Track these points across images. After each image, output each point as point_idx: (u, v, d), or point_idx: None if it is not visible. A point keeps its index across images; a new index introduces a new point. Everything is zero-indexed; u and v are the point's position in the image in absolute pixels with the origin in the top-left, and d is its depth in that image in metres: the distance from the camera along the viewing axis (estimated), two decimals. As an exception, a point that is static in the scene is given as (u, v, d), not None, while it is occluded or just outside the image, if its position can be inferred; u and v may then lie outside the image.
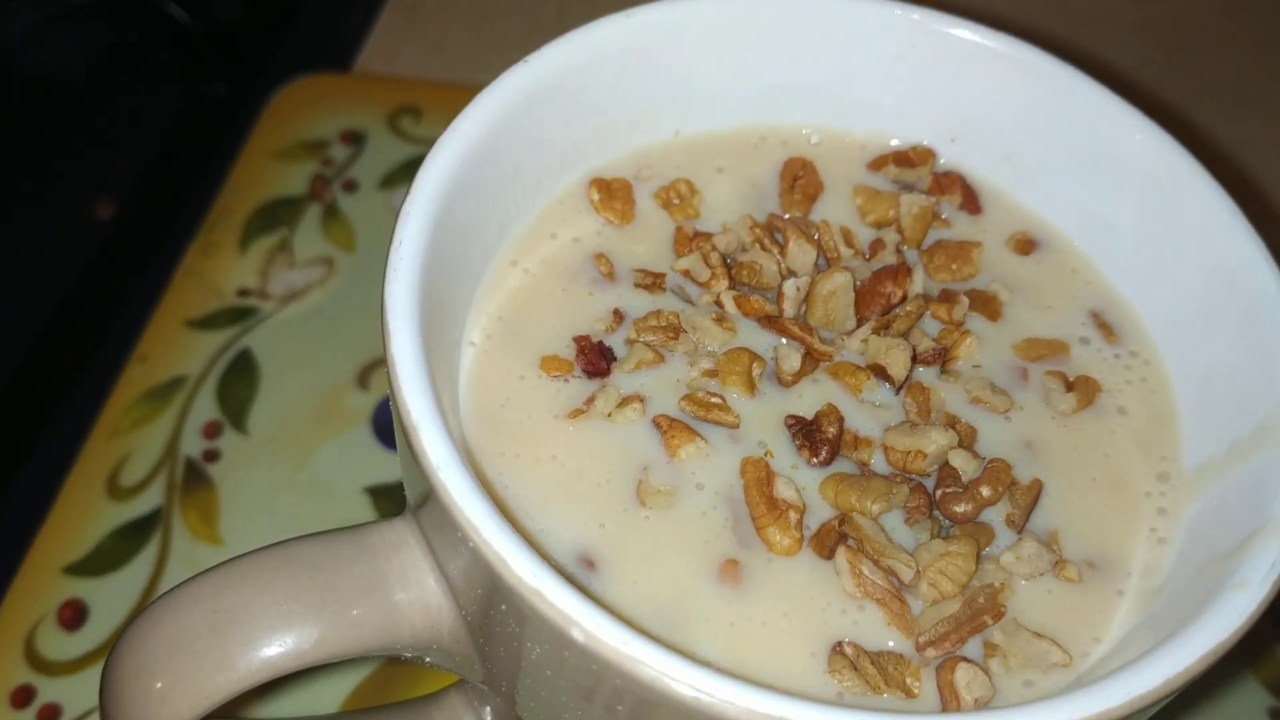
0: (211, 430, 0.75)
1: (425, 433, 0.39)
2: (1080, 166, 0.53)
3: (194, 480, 0.73)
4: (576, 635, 0.36)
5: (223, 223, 0.84)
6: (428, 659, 0.46)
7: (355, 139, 0.89)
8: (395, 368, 0.40)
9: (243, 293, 0.81)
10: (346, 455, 0.74)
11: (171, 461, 0.74)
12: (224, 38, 0.97)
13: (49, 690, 0.66)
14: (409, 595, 0.43)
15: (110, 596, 0.69)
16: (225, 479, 0.73)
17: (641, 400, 0.47)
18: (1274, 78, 0.98)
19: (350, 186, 0.86)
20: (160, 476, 0.73)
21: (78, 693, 0.66)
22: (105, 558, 0.71)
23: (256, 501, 0.73)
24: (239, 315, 0.80)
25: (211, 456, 0.74)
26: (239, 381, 0.77)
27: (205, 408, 0.76)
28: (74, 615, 0.69)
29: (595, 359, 0.48)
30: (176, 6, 0.95)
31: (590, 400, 0.47)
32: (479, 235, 0.49)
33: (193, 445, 0.74)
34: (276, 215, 0.85)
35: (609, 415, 0.47)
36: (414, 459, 0.40)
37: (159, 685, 0.42)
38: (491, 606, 0.40)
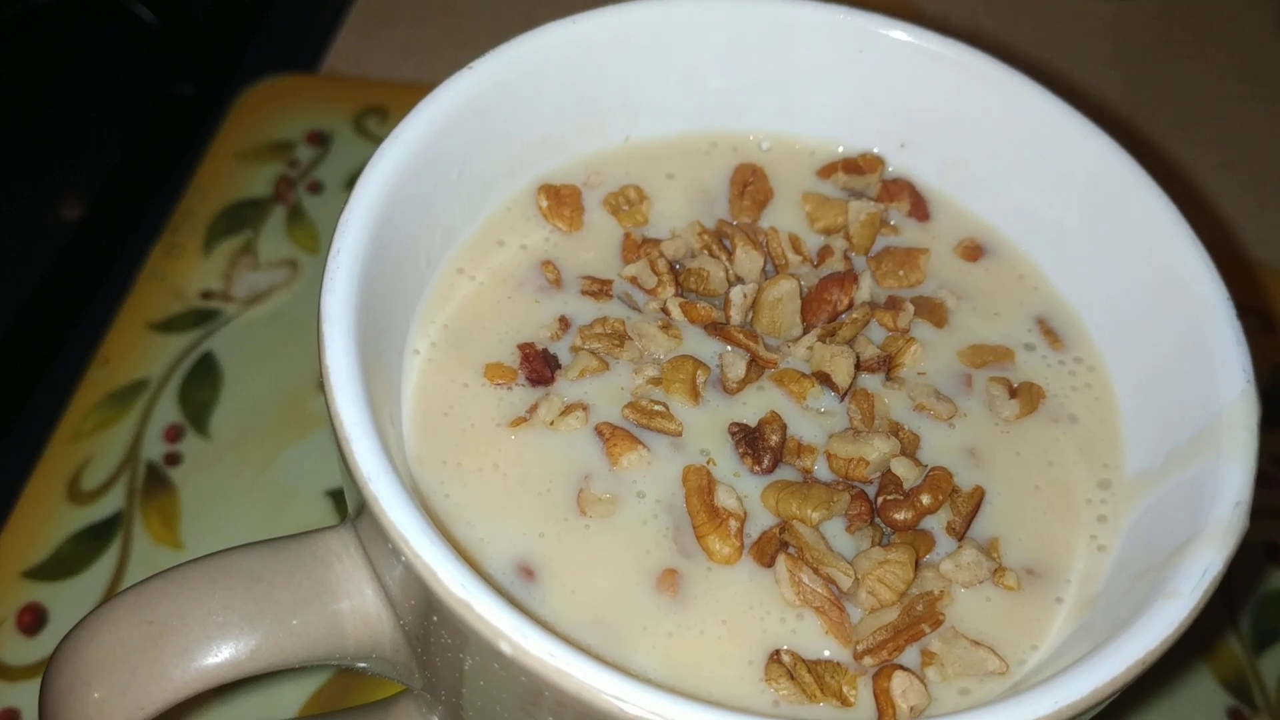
0: (173, 434, 0.75)
1: (358, 445, 0.39)
2: (1028, 173, 0.53)
3: (155, 484, 0.73)
4: (504, 647, 0.36)
5: (186, 224, 0.83)
6: (370, 668, 0.46)
7: (321, 140, 0.88)
8: (330, 379, 0.40)
9: (206, 295, 0.80)
10: (309, 458, 0.74)
11: (133, 465, 0.74)
12: (191, 38, 0.96)
13: (7, 695, 0.66)
14: (348, 605, 0.43)
15: (70, 601, 0.69)
16: (186, 482, 0.73)
17: (584, 408, 0.47)
18: (1242, 79, 0.98)
19: (315, 188, 0.86)
20: (121, 480, 0.73)
21: (37, 698, 0.65)
22: (65, 562, 0.70)
23: (218, 505, 0.72)
24: (202, 318, 0.80)
25: (173, 460, 0.74)
26: (201, 384, 0.77)
27: (167, 411, 0.76)
28: (33, 620, 0.68)
29: (539, 366, 0.48)
30: (143, 6, 0.94)
31: (533, 408, 0.47)
32: (423, 243, 0.49)
33: (154, 449, 0.74)
34: (241, 217, 0.84)
35: (551, 423, 0.47)
36: (348, 471, 0.40)
37: (96, 695, 0.41)
38: (426, 617, 0.40)
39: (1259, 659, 0.70)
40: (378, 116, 0.89)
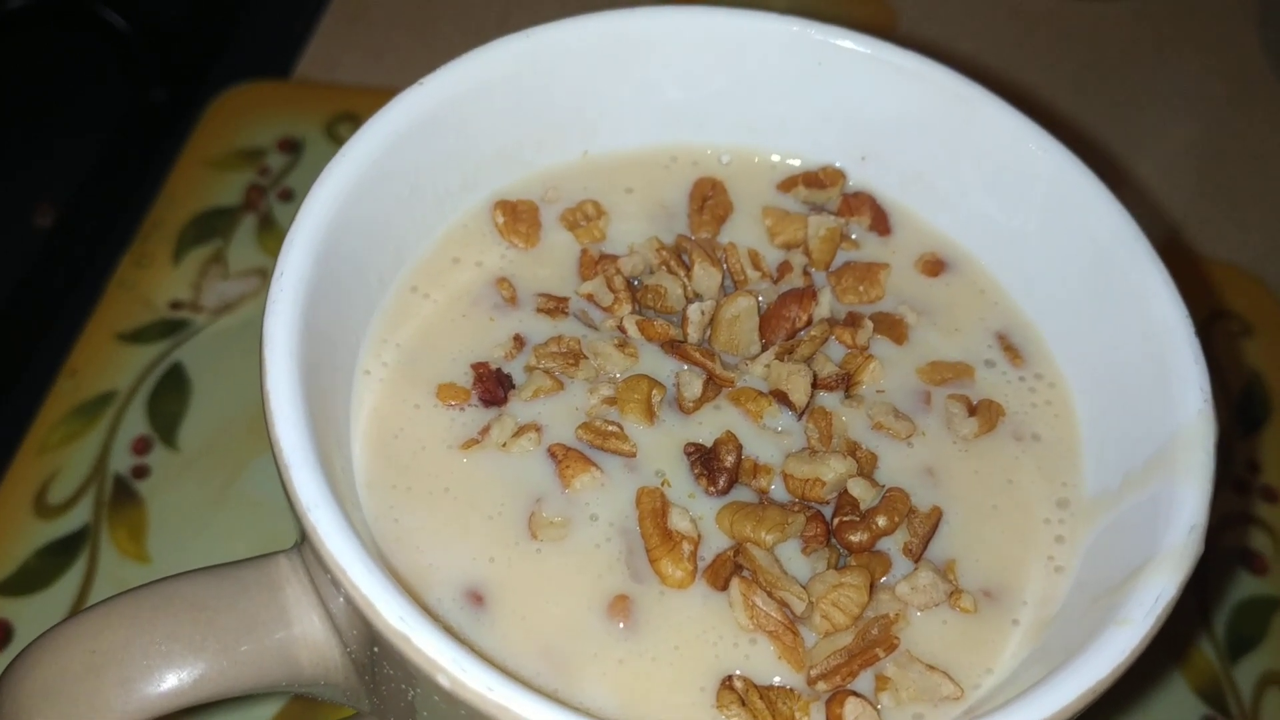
0: (141, 446, 0.74)
1: (297, 472, 0.39)
2: (988, 186, 0.53)
3: (123, 497, 0.72)
4: (443, 680, 0.36)
5: (156, 234, 0.83)
6: (322, 695, 0.46)
7: (293, 147, 0.88)
8: (270, 404, 0.40)
9: (175, 305, 0.80)
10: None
11: (100, 478, 0.73)
12: (164, 45, 0.96)
13: (-28, 712, 0.65)
14: (294, 632, 0.42)
15: (37, 616, 0.68)
16: (154, 495, 0.72)
17: (538, 429, 0.47)
18: (1222, 80, 0.98)
19: (286, 196, 0.85)
20: (88, 493, 0.73)
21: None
22: (31, 577, 0.70)
23: (185, 518, 0.72)
24: (171, 328, 0.79)
25: (140, 473, 0.73)
26: (170, 396, 0.76)
27: (135, 423, 0.75)
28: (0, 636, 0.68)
29: (492, 387, 0.48)
30: (115, 14, 0.93)
31: (485, 430, 0.47)
32: (374, 262, 0.49)
33: (122, 461, 0.74)
34: (211, 226, 0.84)
35: (504, 445, 0.46)
36: (288, 498, 0.39)
37: (39, 725, 0.41)
38: (369, 647, 0.39)
39: (1234, 667, 0.70)
40: (350, 123, 0.89)
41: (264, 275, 0.81)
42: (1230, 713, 0.68)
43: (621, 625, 0.43)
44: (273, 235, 0.83)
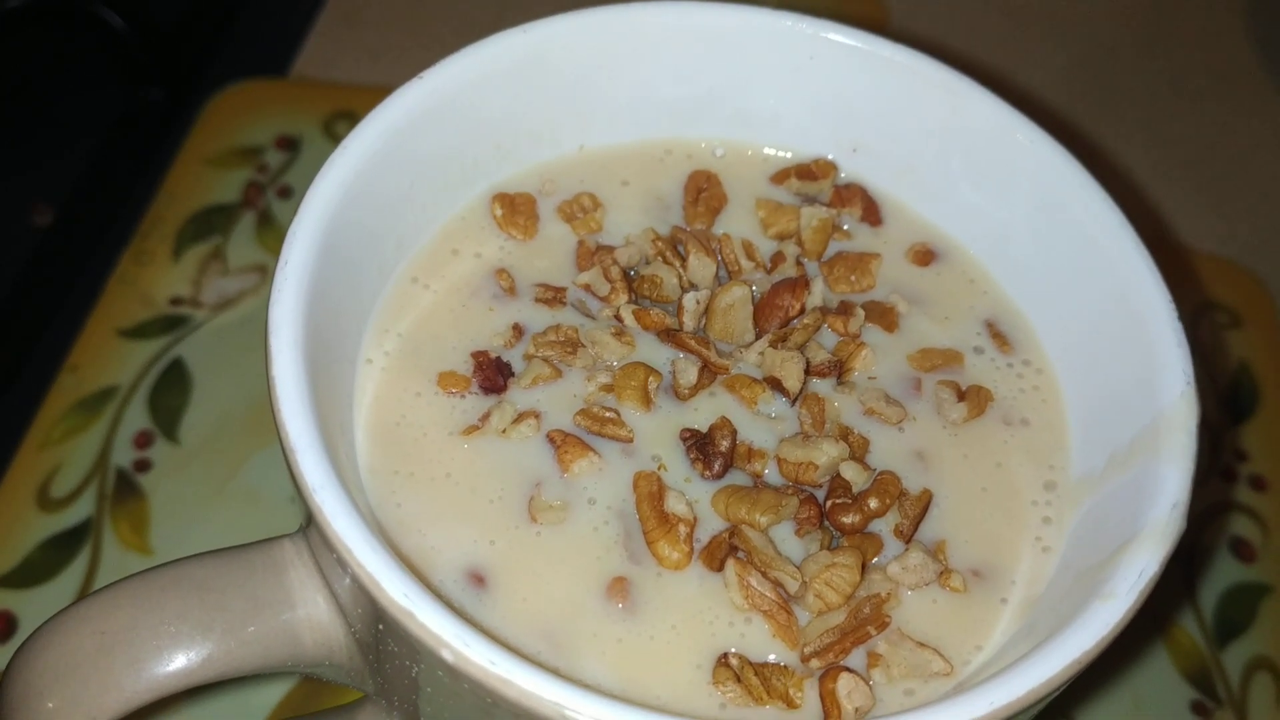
0: (142, 440, 0.75)
1: (303, 455, 0.40)
2: (977, 177, 0.54)
3: (125, 490, 0.73)
4: (446, 656, 0.37)
5: (156, 231, 0.84)
6: (326, 675, 0.46)
7: (291, 145, 0.89)
8: (276, 390, 0.41)
9: (175, 301, 0.81)
10: (277, 464, 0.74)
11: (102, 472, 0.74)
12: (161, 43, 0.96)
13: (-23, 702, 0.66)
14: (300, 614, 0.43)
15: (40, 608, 0.69)
16: (156, 489, 0.73)
17: (537, 416, 0.48)
18: (1208, 75, 0.99)
19: (285, 193, 0.86)
20: (91, 487, 0.73)
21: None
22: (35, 569, 0.71)
23: (187, 511, 0.73)
24: (171, 324, 0.80)
25: (142, 466, 0.74)
26: (171, 391, 0.77)
27: (136, 417, 0.76)
28: (3, 627, 0.69)
29: (492, 374, 0.49)
30: (112, 13, 0.94)
31: (485, 416, 0.48)
32: (375, 253, 0.49)
33: (124, 455, 0.74)
34: (210, 223, 0.85)
35: (503, 431, 0.47)
36: (294, 481, 0.40)
37: (50, 705, 0.42)
38: (374, 625, 0.40)
39: (1222, 652, 0.71)
40: (347, 121, 0.90)
41: (263, 271, 0.82)
42: (1218, 697, 0.69)
43: (620, 606, 0.44)
44: (271, 232, 0.84)
